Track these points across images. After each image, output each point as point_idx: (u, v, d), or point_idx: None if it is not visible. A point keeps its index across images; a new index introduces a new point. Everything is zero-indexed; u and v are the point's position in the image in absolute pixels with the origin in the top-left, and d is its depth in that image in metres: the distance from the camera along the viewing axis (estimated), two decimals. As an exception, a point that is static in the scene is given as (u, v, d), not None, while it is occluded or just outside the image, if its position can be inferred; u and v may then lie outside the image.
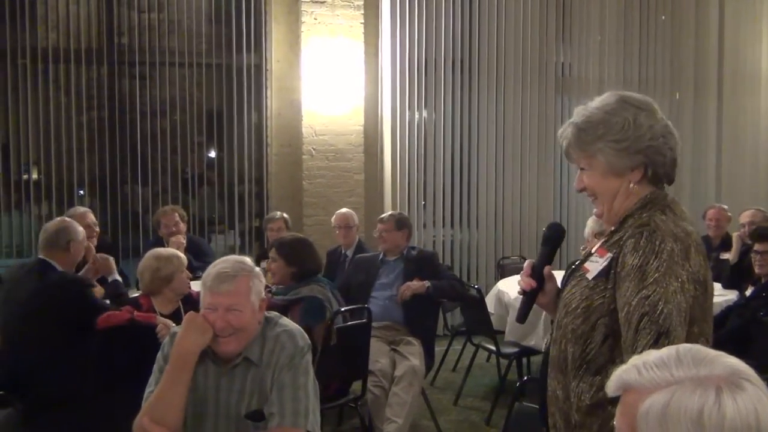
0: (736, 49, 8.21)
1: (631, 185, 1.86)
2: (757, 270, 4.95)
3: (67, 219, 4.25)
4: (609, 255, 1.83)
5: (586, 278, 1.86)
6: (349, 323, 4.29)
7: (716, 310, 4.83)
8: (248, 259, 2.56)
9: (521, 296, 2.06)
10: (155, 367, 2.49)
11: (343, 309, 4.27)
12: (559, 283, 2.06)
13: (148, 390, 2.44)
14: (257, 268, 2.55)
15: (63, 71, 6.90)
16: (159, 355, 2.51)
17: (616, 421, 1.27)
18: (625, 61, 8.06)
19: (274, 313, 2.59)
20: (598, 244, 1.95)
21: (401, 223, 5.24)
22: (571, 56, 8.06)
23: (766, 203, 8.19)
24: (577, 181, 1.96)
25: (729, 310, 4.84)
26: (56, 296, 3.79)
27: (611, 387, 1.27)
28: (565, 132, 1.93)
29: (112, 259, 4.66)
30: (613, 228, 1.91)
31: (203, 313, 2.41)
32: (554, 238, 2.08)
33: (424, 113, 7.62)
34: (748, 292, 4.97)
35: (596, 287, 1.83)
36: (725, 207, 6.32)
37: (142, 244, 6.62)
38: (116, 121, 7.06)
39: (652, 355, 1.24)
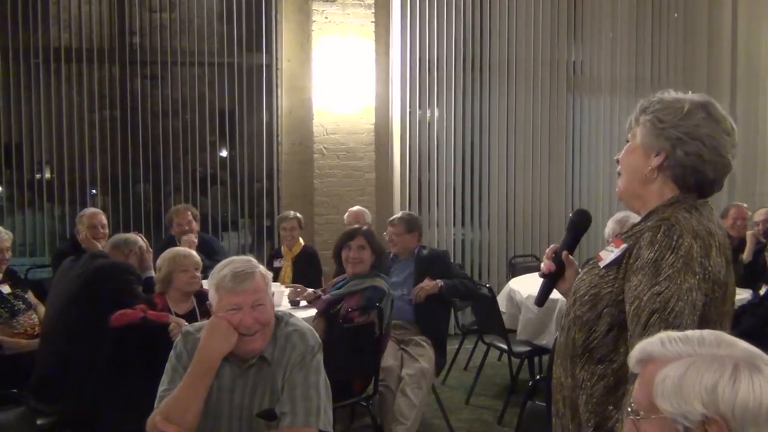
0: (749, 47, 8.15)
1: (649, 169, 1.83)
2: (772, 269, 4.93)
3: (137, 236, 4.66)
4: (624, 245, 1.81)
5: (598, 266, 1.85)
6: (361, 322, 4.29)
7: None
8: (252, 258, 2.57)
9: (542, 279, 2.07)
10: (168, 366, 2.48)
11: (354, 308, 4.28)
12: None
13: (161, 389, 2.44)
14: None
15: (75, 71, 6.94)
16: (171, 354, 2.50)
17: (633, 395, 1.32)
18: (637, 60, 8.02)
19: (284, 312, 2.59)
20: (616, 235, 1.94)
21: (411, 225, 5.20)
22: (582, 55, 8.03)
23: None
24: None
25: (743, 309, 4.81)
26: (107, 276, 4.03)
27: (634, 358, 1.32)
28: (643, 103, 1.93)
29: (151, 254, 4.73)
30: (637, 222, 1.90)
31: (225, 316, 2.39)
32: (579, 225, 2.06)
33: (435, 111, 7.61)
34: (762, 291, 4.94)
35: (606, 276, 1.81)
36: (745, 205, 6.16)
37: (154, 243, 6.64)
38: (128, 120, 7.09)
39: (677, 332, 1.30)
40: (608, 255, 1.84)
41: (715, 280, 1.74)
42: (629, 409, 1.33)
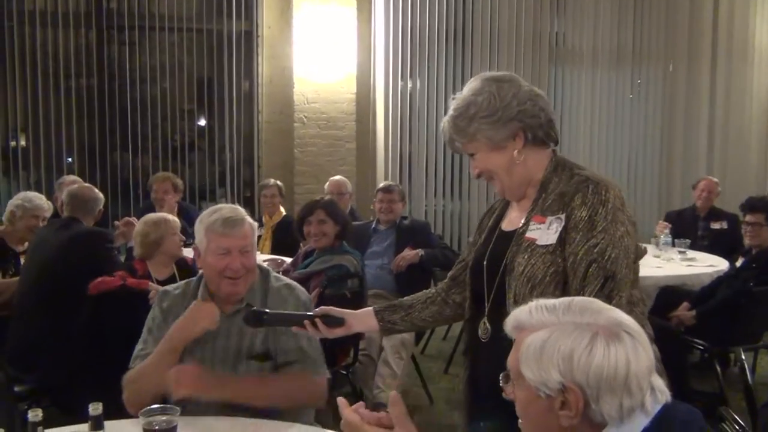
0: (730, 20, 8.15)
1: (516, 152, 1.93)
2: (747, 241, 4.99)
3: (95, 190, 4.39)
4: (553, 218, 1.88)
5: (540, 246, 1.89)
6: (341, 291, 4.27)
7: (707, 281, 4.88)
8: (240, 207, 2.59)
9: None
10: (145, 328, 2.51)
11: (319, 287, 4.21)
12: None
13: (138, 347, 2.46)
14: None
15: (51, 35, 6.80)
16: (149, 315, 2.53)
17: (508, 360, 1.36)
18: (619, 31, 8.00)
19: (269, 267, 2.64)
20: (527, 213, 1.97)
21: (403, 195, 5.41)
22: (565, 26, 7.99)
23: (757, 174, 8.24)
24: (472, 168, 2.03)
25: (719, 280, 4.86)
26: (83, 244, 3.94)
27: (508, 326, 1.36)
28: (443, 127, 2.00)
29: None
30: (534, 197, 1.96)
31: (211, 260, 2.40)
32: None
33: (417, 82, 7.56)
34: (738, 263, 5.00)
35: (556, 251, 1.87)
36: (716, 180, 6.33)
37: (133, 211, 6.58)
38: (105, 87, 6.97)
39: (547, 300, 1.34)
40: (542, 233, 1.89)
41: (632, 222, 1.89)
42: (504, 373, 1.38)
